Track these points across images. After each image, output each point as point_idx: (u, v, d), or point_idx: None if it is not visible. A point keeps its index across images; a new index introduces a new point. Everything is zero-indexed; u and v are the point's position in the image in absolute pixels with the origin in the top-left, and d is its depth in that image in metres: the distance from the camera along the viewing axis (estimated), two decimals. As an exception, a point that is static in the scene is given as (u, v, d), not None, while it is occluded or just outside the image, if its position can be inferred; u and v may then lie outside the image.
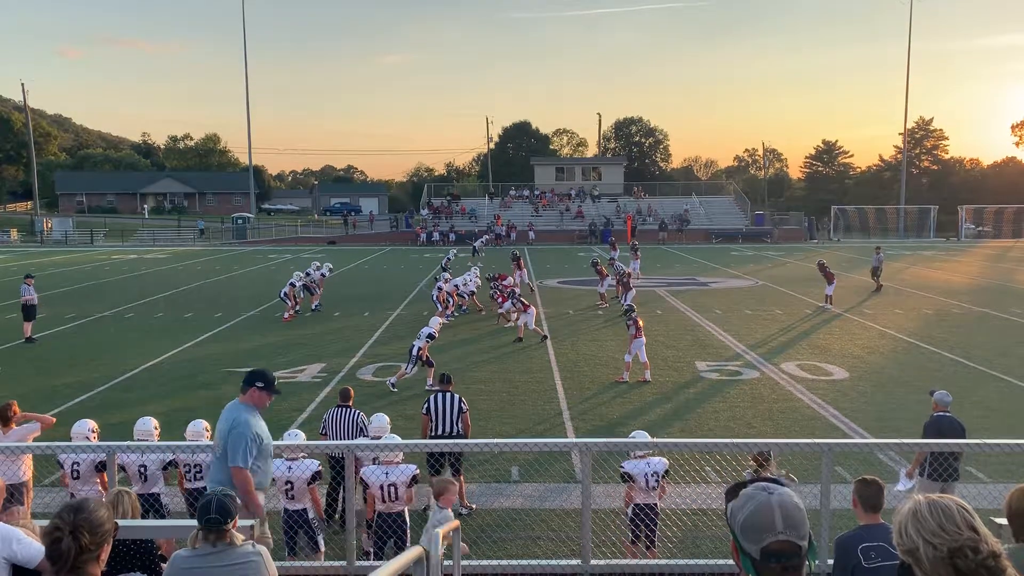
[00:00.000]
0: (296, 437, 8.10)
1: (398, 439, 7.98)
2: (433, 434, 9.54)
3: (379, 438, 8.08)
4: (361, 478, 7.39)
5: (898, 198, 68.05)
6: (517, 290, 22.26)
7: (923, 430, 8.20)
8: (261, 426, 6.10)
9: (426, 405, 9.80)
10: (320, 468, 7.71)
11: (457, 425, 9.61)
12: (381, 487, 7.22)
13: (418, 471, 7.48)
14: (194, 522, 3.91)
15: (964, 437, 7.91)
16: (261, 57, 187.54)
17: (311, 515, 7.63)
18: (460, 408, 9.69)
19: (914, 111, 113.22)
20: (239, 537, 3.74)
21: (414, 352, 15.02)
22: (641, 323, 15.72)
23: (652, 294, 28.38)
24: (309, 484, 7.52)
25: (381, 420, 8.47)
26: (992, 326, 21.79)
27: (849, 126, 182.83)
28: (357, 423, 9.18)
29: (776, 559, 2.15)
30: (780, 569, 2.15)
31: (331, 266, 27.30)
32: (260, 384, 6.02)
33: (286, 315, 23.19)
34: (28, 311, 20.02)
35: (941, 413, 8.23)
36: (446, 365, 15.49)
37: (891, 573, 2.41)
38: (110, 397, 14.65)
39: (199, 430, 8.10)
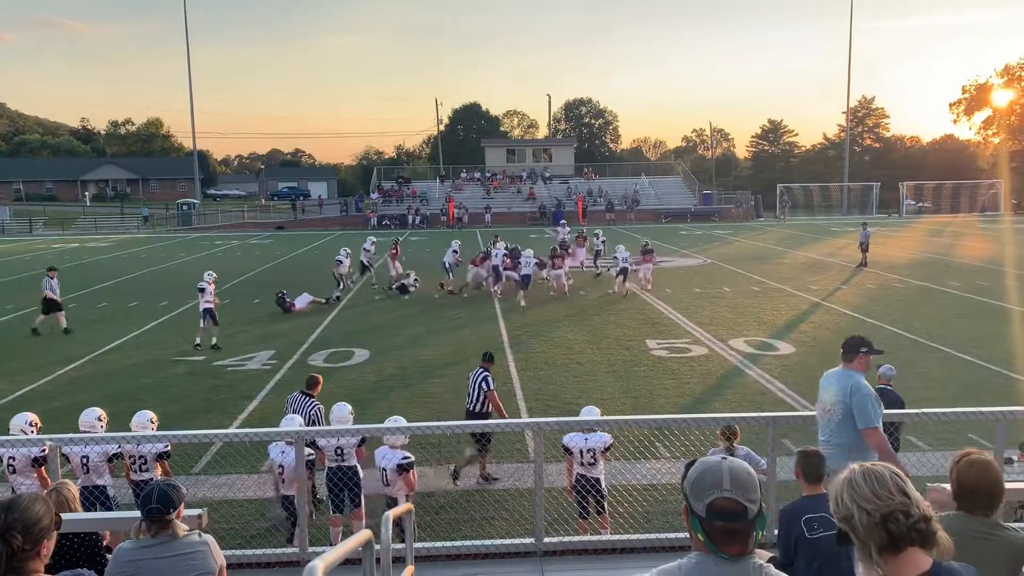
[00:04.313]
0: (292, 422, 8.05)
1: (403, 421, 7.87)
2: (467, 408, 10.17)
3: None
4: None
5: (842, 175, 69.41)
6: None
7: None
8: None
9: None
10: (313, 453, 7.84)
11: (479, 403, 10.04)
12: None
13: (410, 458, 7.57)
14: (138, 514, 3.85)
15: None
16: (204, 39, 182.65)
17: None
18: (484, 387, 10.06)
19: (856, 90, 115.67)
20: (182, 527, 3.69)
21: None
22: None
23: (603, 274, 28.53)
24: None
25: (343, 411, 8.23)
26: (932, 299, 22.41)
27: (794, 106, 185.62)
28: (311, 414, 9.11)
29: (720, 517, 2.18)
30: (724, 528, 2.20)
31: (374, 239, 28.17)
32: (865, 349, 6.38)
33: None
34: (49, 304, 19.66)
35: (883, 386, 8.45)
36: (396, 345, 15.45)
37: (832, 543, 2.49)
38: (54, 389, 14.29)
39: (144, 421, 7.92)
